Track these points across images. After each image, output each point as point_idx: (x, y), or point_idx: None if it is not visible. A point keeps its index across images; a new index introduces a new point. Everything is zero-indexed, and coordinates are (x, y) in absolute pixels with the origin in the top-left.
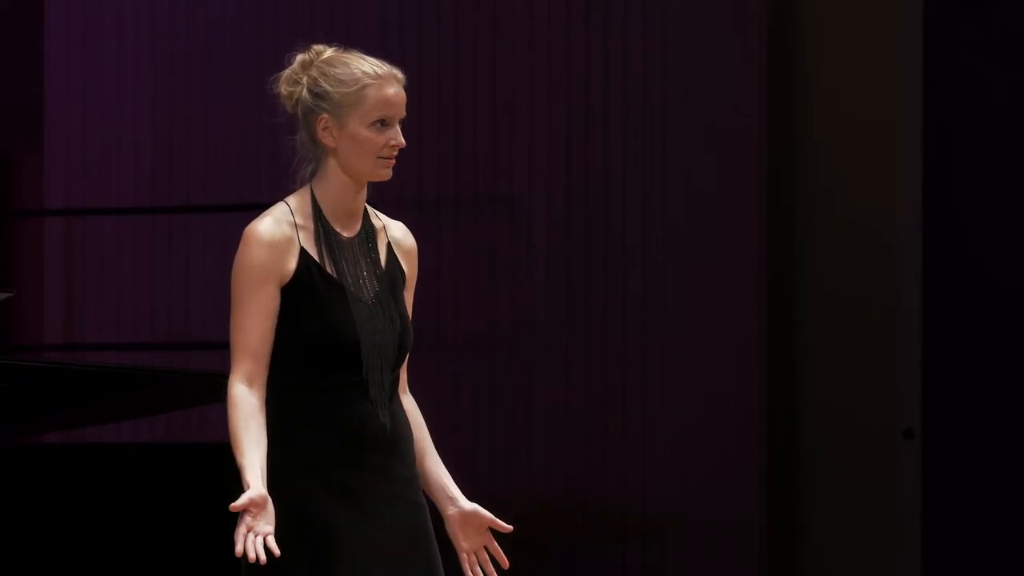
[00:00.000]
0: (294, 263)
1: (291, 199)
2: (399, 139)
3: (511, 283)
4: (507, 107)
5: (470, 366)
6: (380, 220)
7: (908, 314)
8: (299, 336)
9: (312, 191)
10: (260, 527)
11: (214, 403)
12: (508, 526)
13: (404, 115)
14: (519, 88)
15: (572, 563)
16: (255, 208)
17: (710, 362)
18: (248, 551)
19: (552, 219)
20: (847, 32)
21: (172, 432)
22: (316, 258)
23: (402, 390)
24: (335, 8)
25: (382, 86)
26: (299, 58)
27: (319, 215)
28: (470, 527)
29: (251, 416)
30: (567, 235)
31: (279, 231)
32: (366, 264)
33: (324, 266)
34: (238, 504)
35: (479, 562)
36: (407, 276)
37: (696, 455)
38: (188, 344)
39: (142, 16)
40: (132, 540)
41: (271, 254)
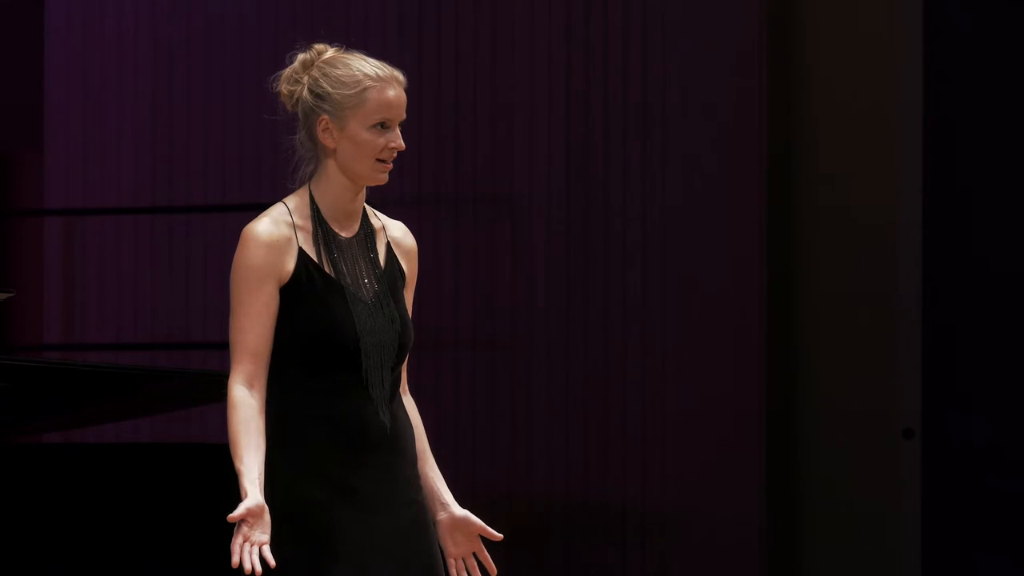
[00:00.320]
0: (292, 263)
1: (289, 200)
2: (399, 142)
3: (511, 283)
4: (507, 107)
5: (470, 366)
6: (379, 220)
7: (908, 313)
8: (299, 336)
9: (311, 191)
10: (256, 536)
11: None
12: (498, 534)
13: (404, 117)
14: (519, 88)
15: (572, 563)
16: (255, 208)
17: (710, 361)
18: (244, 562)
19: (552, 219)
20: (847, 28)
21: (172, 432)
22: (315, 258)
23: (402, 391)
24: (335, 8)
25: (383, 88)
26: (300, 57)
27: (317, 216)
28: (460, 533)
29: (251, 419)
30: (567, 235)
31: (277, 231)
32: (365, 264)
33: (323, 266)
34: (236, 515)
35: (467, 568)
36: (407, 276)
37: (696, 454)
38: (188, 344)
39: (142, 16)
40: (132, 540)
41: (270, 254)
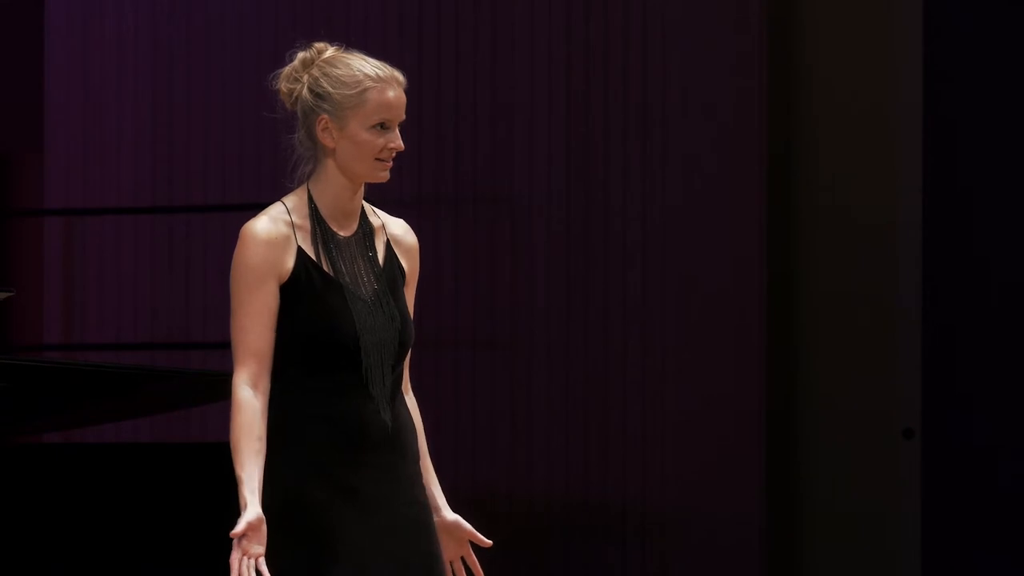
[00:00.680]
0: (292, 262)
1: (288, 199)
2: (398, 142)
3: (511, 283)
4: (507, 107)
5: (470, 366)
6: (379, 218)
7: (908, 313)
8: (299, 335)
9: (309, 190)
10: (252, 549)
11: (214, 403)
12: (487, 541)
13: (404, 118)
14: (519, 88)
15: (572, 562)
16: (255, 208)
17: (710, 361)
18: None
19: (552, 219)
20: (847, 28)
21: (172, 432)
22: (313, 257)
23: (404, 390)
24: (335, 8)
25: (384, 89)
26: (300, 56)
27: (316, 215)
28: (450, 538)
29: (253, 423)
30: (567, 235)
31: (276, 230)
32: (364, 263)
33: (322, 265)
34: (238, 531)
35: (454, 572)
36: (408, 273)
37: (696, 454)
38: (188, 344)
39: (142, 16)
40: (132, 540)
41: (269, 252)
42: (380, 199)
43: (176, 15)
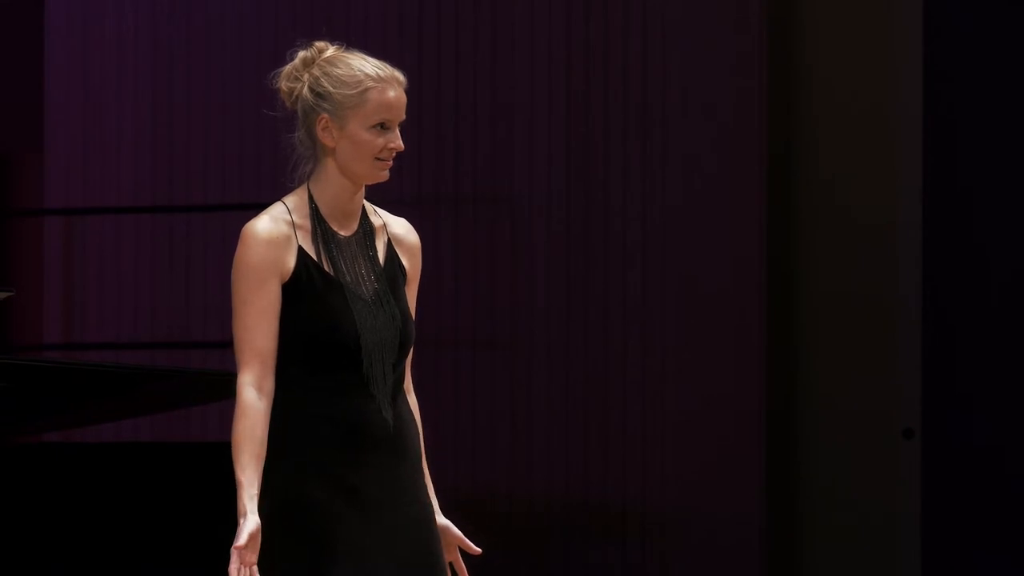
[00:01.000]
0: (293, 261)
1: (288, 198)
2: (398, 142)
3: (511, 283)
4: (507, 107)
5: (470, 366)
6: (380, 218)
7: (908, 313)
8: (299, 335)
9: (310, 190)
10: (248, 557)
11: (214, 402)
12: (476, 549)
13: (404, 118)
14: (519, 88)
15: (571, 562)
16: (255, 208)
17: (710, 361)
18: None
19: (552, 219)
20: (847, 28)
21: (172, 432)
22: (314, 257)
23: (406, 390)
24: (335, 8)
25: (384, 89)
26: (300, 55)
27: (316, 214)
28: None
29: (256, 426)
30: (567, 235)
31: (276, 229)
32: (365, 262)
33: (322, 265)
34: (240, 544)
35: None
36: (410, 272)
37: (696, 454)
38: (188, 343)
39: (142, 16)
40: (132, 540)
41: (270, 251)
42: (380, 199)
43: (176, 15)
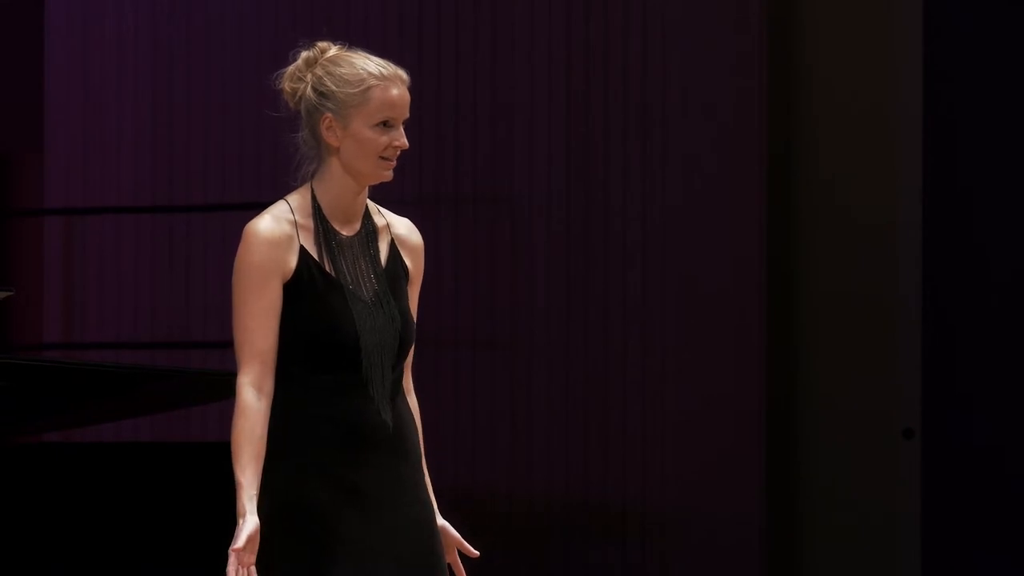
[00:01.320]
0: (294, 261)
1: (291, 197)
2: (402, 141)
3: (511, 283)
4: (507, 107)
5: (470, 366)
6: (383, 218)
7: (908, 313)
8: (299, 335)
9: (312, 190)
10: (246, 558)
11: (214, 402)
12: (474, 551)
13: (408, 116)
14: (519, 88)
15: (572, 562)
16: (255, 207)
17: (710, 361)
18: None
19: (552, 219)
20: (847, 28)
21: (172, 432)
22: (316, 257)
23: (407, 391)
24: (335, 8)
25: (387, 87)
26: (304, 55)
27: (319, 214)
28: None
29: (255, 428)
30: (567, 235)
31: (279, 229)
32: (366, 263)
33: (323, 265)
34: (240, 547)
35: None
36: (412, 273)
37: (696, 454)
38: (188, 344)
39: (142, 16)
40: (132, 540)
41: (272, 251)
42: (380, 199)
43: (176, 15)
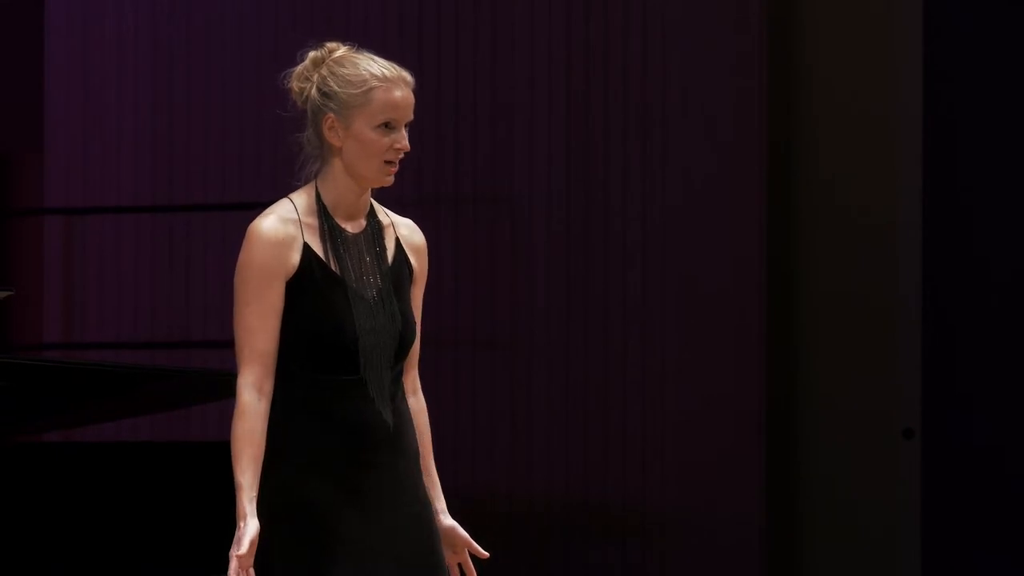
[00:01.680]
0: (298, 258)
1: (295, 196)
2: (404, 142)
3: (511, 283)
4: (507, 107)
5: (470, 366)
6: (388, 217)
7: (908, 313)
8: (300, 333)
9: (317, 189)
10: (245, 561)
11: (214, 402)
12: (484, 552)
13: (411, 118)
14: (519, 88)
15: (571, 562)
16: (255, 207)
17: (710, 361)
18: None
19: (552, 219)
20: (847, 28)
21: (172, 432)
22: (320, 254)
23: (413, 391)
24: (335, 8)
25: (390, 89)
26: (311, 55)
27: (324, 212)
28: (446, 543)
29: (255, 429)
30: (567, 235)
31: (283, 228)
32: (371, 260)
33: (328, 262)
34: (242, 552)
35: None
36: (416, 273)
37: (696, 454)
38: (188, 343)
39: (142, 16)
40: (132, 539)
41: (276, 252)
42: (380, 199)
43: (176, 15)
